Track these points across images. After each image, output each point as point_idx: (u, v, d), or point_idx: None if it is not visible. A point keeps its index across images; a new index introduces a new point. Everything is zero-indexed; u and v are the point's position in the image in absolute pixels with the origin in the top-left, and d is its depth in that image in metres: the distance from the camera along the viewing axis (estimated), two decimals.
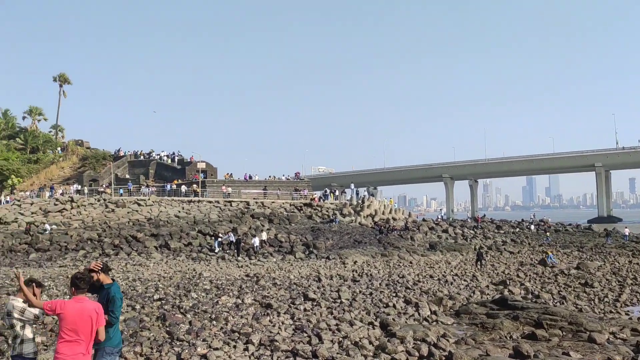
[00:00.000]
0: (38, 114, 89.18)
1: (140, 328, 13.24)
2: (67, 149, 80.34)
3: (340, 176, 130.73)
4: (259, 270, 27.39)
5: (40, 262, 31.89)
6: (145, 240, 37.51)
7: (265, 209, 50.47)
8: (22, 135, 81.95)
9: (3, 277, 25.25)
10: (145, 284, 22.27)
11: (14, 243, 36.97)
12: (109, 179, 64.07)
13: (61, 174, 71.77)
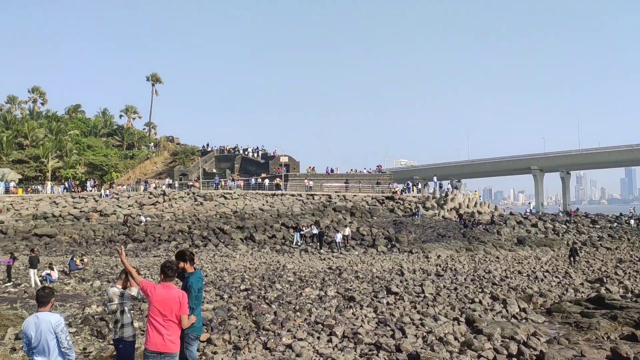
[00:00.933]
0: (133, 112, 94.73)
1: (229, 317, 13.73)
2: (159, 145, 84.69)
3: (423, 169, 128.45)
4: (341, 263, 27.57)
5: (136, 252, 33.91)
6: (232, 233, 38.83)
7: (347, 202, 50.65)
8: (119, 132, 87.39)
9: (104, 266, 27.12)
10: (232, 274, 23.07)
11: (113, 234, 39.57)
12: (198, 173, 66.89)
13: (154, 169, 75.79)
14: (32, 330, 5.75)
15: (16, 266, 24.47)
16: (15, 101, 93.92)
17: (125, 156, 78.47)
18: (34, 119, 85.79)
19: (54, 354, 5.75)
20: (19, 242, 38.25)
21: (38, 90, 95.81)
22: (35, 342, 5.73)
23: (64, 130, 79.52)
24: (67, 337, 5.85)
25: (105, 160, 72.62)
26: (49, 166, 67.70)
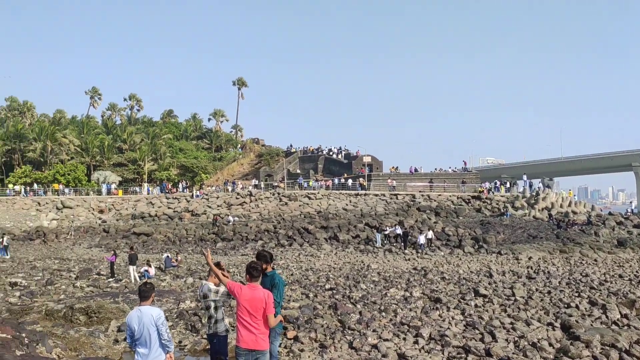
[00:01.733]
0: (221, 115, 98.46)
1: (314, 315, 13.91)
2: (245, 147, 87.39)
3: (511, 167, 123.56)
4: (426, 263, 27.11)
5: (225, 251, 35.20)
6: (316, 232, 39.31)
7: (431, 202, 49.74)
8: (208, 135, 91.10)
9: (196, 264, 28.39)
10: (317, 273, 23.35)
11: (203, 233, 41.32)
12: (282, 174, 68.32)
13: (241, 170, 78.30)
14: (135, 323, 6.13)
15: (117, 263, 26.15)
16: (115, 108, 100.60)
17: (214, 158, 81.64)
18: (131, 124, 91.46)
19: (155, 345, 6.10)
20: (120, 240, 40.92)
21: (135, 97, 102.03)
22: (138, 334, 6.11)
23: (158, 135, 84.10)
24: (167, 329, 6.19)
25: (196, 162, 75.98)
26: (145, 169, 71.88)
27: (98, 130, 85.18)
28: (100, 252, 35.21)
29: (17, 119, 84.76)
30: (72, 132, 77.95)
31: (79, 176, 66.51)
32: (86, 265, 27.07)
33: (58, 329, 11.83)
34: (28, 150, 71.87)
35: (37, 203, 55.15)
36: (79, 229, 45.78)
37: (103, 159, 74.23)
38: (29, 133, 73.64)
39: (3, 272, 24.06)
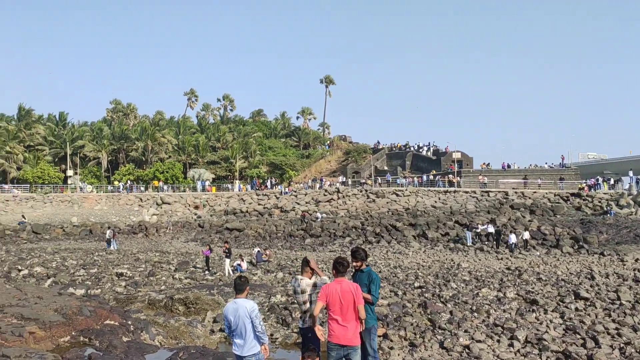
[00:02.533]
0: (309, 113, 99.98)
1: (404, 313, 13.78)
2: (332, 144, 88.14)
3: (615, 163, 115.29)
4: (520, 263, 26.00)
5: (313, 247, 35.72)
6: (404, 230, 38.89)
7: (525, 200, 47.59)
8: (296, 133, 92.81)
9: (285, 259, 29.04)
10: (406, 271, 23.11)
11: (292, 229, 42.18)
12: (370, 170, 68.22)
13: (328, 167, 79.07)
14: (231, 314, 6.39)
15: (212, 257, 27.33)
16: (208, 109, 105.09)
17: (302, 155, 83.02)
18: (224, 123, 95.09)
19: (250, 336, 6.32)
20: (214, 234, 42.74)
21: (228, 97, 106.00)
22: (234, 326, 6.37)
23: (249, 133, 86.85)
24: (261, 322, 6.40)
25: (284, 159, 77.67)
26: (237, 166, 74.52)
27: (193, 130, 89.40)
28: (196, 246, 36.96)
29: (121, 120, 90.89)
30: (170, 132, 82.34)
31: (176, 174, 70.23)
32: (184, 259, 28.53)
33: (160, 318, 12.56)
34: (131, 150, 76.89)
35: (139, 199, 58.85)
36: (177, 223, 48.32)
37: (198, 157, 77.83)
38: (132, 133, 78.72)
39: (110, 263, 25.92)
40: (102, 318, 9.95)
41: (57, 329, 8.66)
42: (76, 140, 76.40)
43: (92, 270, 23.17)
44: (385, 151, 78.04)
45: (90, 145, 76.10)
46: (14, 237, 40.61)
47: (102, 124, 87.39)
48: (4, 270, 23.26)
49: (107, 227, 42.35)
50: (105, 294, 16.71)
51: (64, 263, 25.68)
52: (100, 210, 55.99)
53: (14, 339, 7.82)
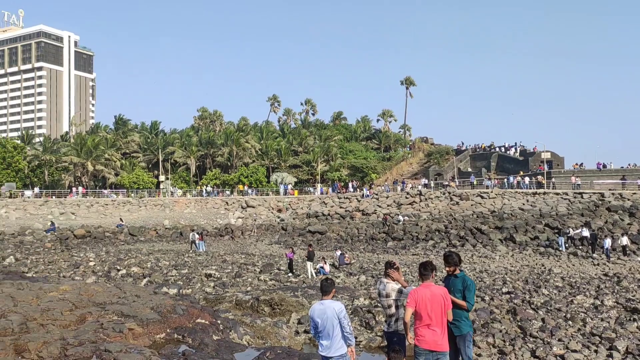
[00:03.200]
0: (389, 116, 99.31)
1: (491, 320, 13.33)
2: (414, 146, 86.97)
3: None
4: (619, 269, 24.38)
5: (396, 250, 35.38)
6: (490, 233, 37.62)
7: (624, 201, 44.51)
8: (377, 136, 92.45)
9: (368, 262, 28.98)
10: (492, 276, 22.34)
11: (374, 232, 42.01)
12: (453, 172, 66.65)
13: (410, 170, 78.07)
14: (318, 316, 6.43)
15: (295, 259, 27.78)
16: (290, 113, 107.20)
17: (383, 158, 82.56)
18: (305, 128, 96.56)
19: (337, 337, 6.33)
20: (296, 237, 43.42)
21: (309, 102, 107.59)
22: (321, 327, 6.41)
23: (329, 137, 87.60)
24: (349, 323, 6.39)
25: (365, 162, 77.59)
26: (318, 169, 75.35)
27: (276, 135, 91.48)
28: (279, 249, 37.73)
29: (208, 127, 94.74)
30: (254, 137, 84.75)
31: (260, 178, 72.14)
32: (268, 261, 29.22)
33: (247, 318, 12.93)
34: (217, 155, 79.90)
35: (226, 202, 60.98)
36: (261, 226, 49.57)
37: (280, 162, 79.52)
38: (218, 139, 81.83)
39: (200, 264, 27.05)
40: (194, 317, 10.40)
41: (153, 326, 9.15)
42: (167, 147, 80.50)
43: (183, 270, 24.28)
44: (469, 152, 75.93)
45: (180, 151, 79.86)
46: (113, 238, 43.34)
47: (191, 131, 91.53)
48: (105, 269, 24.90)
49: (191, 229, 44.21)
50: (195, 294, 17.45)
51: (157, 264, 27.10)
52: (190, 213, 58.58)
53: (115, 335, 8.36)
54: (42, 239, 40.64)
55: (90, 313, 9.50)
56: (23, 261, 28.53)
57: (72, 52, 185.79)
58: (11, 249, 34.32)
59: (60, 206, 58.36)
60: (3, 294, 10.63)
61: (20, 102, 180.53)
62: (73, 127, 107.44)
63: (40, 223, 49.05)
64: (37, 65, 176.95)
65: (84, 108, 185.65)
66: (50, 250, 35.19)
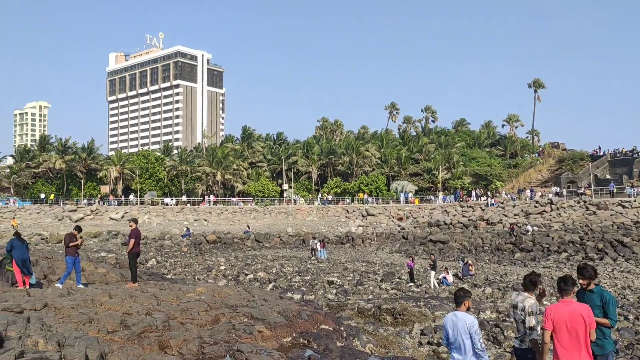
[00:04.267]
0: (515, 120, 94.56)
1: (637, 341, 12.13)
2: (543, 152, 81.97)
3: None
4: None
5: (524, 262, 33.50)
6: (633, 246, 34.27)
7: None
8: (502, 142, 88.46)
9: (494, 274, 27.75)
10: (637, 293, 20.34)
11: (500, 242, 40.13)
12: (588, 179, 61.76)
13: (538, 177, 73.67)
14: (449, 327, 6.23)
15: (416, 268, 27.37)
16: (410, 121, 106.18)
17: (509, 165, 78.82)
18: (425, 135, 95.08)
19: (469, 353, 6.06)
20: (418, 246, 42.76)
21: (429, 109, 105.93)
22: (452, 339, 6.19)
23: (451, 144, 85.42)
24: (480, 338, 6.05)
25: (489, 170, 74.55)
26: (440, 177, 73.69)
27: (395, 143, 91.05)
28: (400, 257, 37.40)
29: (328, 136, 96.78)
30: (374, 145, 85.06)
31: (379, 186, 72.17)
32: (389, 269, 29.08)
33: (369, 326, 12.97)
34: (338, 164, 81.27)
35: (346, 211, 61.75)
36: (381, 235, 49.48)
37: (400, 170, 78.94)
38: (338, 148, 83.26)
39: (322, 271, 27.62)
40: (318, 322, 10.64)
41: (280, 330, 9.50)
42: (290, 157, 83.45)
43: (306, 277, 24.94)
44: (607, 158, 69.95)
45: (302, 160, 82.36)
46: (241, 244, 45.69)
47: (312, 140, 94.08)
48: (234, 273, 26.34)
49: (312, 237, 45.25)
50: (318, 300, 17.85)
51: (282, 269, 28.12)
52: (312, 221, 60.11)
53: (246, 336, 8.80)
54: (179, 243, 43.96)
55: (223, 314, 10.10)
56: (163, 263, 31.07)
57: (205, 70, 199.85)
58: (153, 252, 37.51)
59: (195, 213, 62.78)
60: (148, 293, 11.65)
61: (160, 117, 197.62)
62: (205, 139, 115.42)
63: (177, 229, 53.10)
64: (175, 83, 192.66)
65: (214, 121, 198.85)
66: (186, 254, 37.94)
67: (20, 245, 13.11)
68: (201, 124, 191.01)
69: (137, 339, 8.04)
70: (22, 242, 13.23)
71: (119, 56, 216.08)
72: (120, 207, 64.69)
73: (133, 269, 14.23)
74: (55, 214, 58.94)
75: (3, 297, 10.46)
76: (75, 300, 10.38)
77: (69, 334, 7.35)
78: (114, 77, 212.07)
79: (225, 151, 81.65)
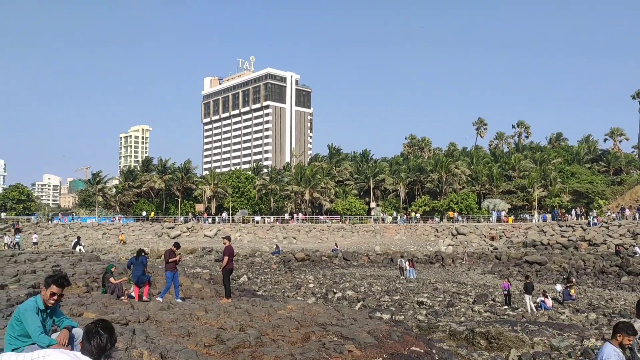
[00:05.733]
0: (619, 134, 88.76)
1: None
2: None
3: None
4: None
5: (632, 286, 31.05)
6: None
7: None
8: (604, 157, 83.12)
9: (597, 298, 25.92)
10: None
11: (604, 265, 37.50)
12: None
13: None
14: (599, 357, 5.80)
15: (512, 291, 26.16)
16: (502, 137, 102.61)
17: (612, 182, 73.81)
18: (519, 151, 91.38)
19: None
20: (512, 267, 40.91)
21: (522, 124, 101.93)
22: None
23: (546, 160, 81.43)
24: None
25: (591, 187, 70.17)
26: (535, 195, 70.30)
27: (486, 160, 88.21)
28: (493, 279, 35.93)
29: (416, 154, 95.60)
30: (463, 162, 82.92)
31: (470, 204, 70.02)
32: (481, 291, 28.02)
33: (462, 350, 12.53)
34: (426, 182, 79.92)
35: (435, 230, 60.42)
36: (472, 254, 47.88)
37: (492, 187, 76.22)
38: (426, 166, 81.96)
39: (411, 291, 27.13)
40: (409, 344, 10.44)
41: (370, 350, 9.42)
42: (377, 175, 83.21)
43: (395, 297, 24.59)
44: None
45: (390, 178, 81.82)
46: (329, 262, 45.96)
47: (400, 158, 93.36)
48: (322, 291, 26.51)
49: (400, 256, 44.59)
50: (408, 321, 17.52)
51: (370, 288, 27.93)
52: (400, 239, 59.37)
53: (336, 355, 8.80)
54: (268, 260, 44.99)
55: (313, 332, 10.19)
56: (254, 280, 31.90)
57: (294, 90, 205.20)
58: (244, 269, 38.64)
59: (284, 231, 64.09)
60: (241, 309, 12.00)
61: (251, 137, 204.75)
62: (294, 158, 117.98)
63: (267, 246, 54.42)
64: (265, 104, 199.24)
65: (302, 140, 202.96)
66: (276, 271, 38.73)
67: (135, 262, 14.17)
68: (290, 143, 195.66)
69: (231, 354, 8.30)
70: (138, 259, 14.26)
71: (213, 80, 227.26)
72: (213, 224, 67.39)
73: (227, 285, 14.74)
74: (155, 231, 62.48)
75: (110, 309, 11.21)
76: (175, 314, 10.91)
77: (170, 347, 7.73)
78: (209, 100, 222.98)
79: (313, 170, 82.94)
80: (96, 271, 18.74)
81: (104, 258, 38.05)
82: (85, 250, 41.99)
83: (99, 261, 25.17)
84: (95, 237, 58.78)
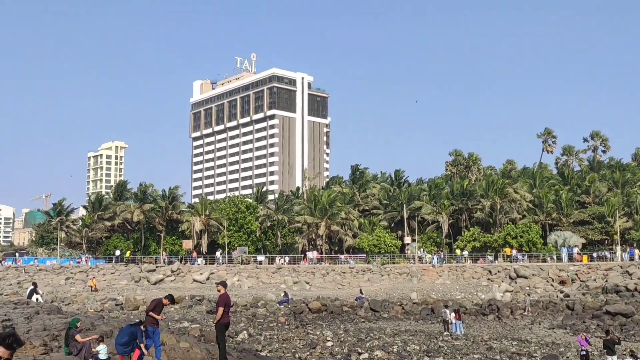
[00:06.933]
0: None
1: None
2: None
3: None
4: None
5: None
6: None
7: None
8: None
9: None
10: None
11: None
12: None
13: None
14: None
15: (590, 351, 25.73)
16: (571, 152, 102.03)
17: None
18: (594, 170, 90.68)
19: None
20: (589, 320, 40.30)
21: (598, 135, 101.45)
22: None
23: (631, 182, 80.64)
24: None
25: None
26: (617, 227, 69.46)
27: (553, 181, 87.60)
28: (564, 335, 35.44)
29: (462, 174, 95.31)
30: (524, 185, 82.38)
31: (532, 238, 69.33)
32: (549, 350, 27.64)
33: None
34: (475, 210, 79.34)
35: (488, 271, 59.98)
36: (537, 303, 47.28)
37: (560, 217, 75.50)
38: (475, 189, 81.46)
39: (458, 351, 26.85)
40: None
41: None
42: (412, 201, 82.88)
43: (438, 359, 24.32)
44: None
45: (429, 206, 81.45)
46: (352, 314, 45.68)
47: (441, 180, 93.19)
48: (344, 352, 26.32)
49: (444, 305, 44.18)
50: None
51: (405, 348, 27.68)
52: (443, 284, 58.95)
53: None
54: (275, 312, 44.86)
55: None
56: (256, 337, 31.80)
57: (306, 95, 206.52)
58: (244, 323, 38.55)
59: (294, 274, 63.97)
60: None
61: (252, 155, 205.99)
62: (306, 182, 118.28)
63: (273, 293, 54.34)
64: (269, 113, 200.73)
65: (317, 158, 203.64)
66: (284, 325, 38.57)
67: (121, 329, 14.42)
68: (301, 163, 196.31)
69: None
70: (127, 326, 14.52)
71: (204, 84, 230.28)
72: (205, 266, 67.58)
73: (221, 344, 14.70)
74: (132, 275, 62.79)
75: None
76: None
77: None
78: (199, 109, 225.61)
79: (332, 196, 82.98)
80: (57, 327, 18.85)
81: (68, 310, 38.28)
82: (43, 300, 42.33)
83: (60, 314, 25.33)
84: (57, 283, 59.26)
